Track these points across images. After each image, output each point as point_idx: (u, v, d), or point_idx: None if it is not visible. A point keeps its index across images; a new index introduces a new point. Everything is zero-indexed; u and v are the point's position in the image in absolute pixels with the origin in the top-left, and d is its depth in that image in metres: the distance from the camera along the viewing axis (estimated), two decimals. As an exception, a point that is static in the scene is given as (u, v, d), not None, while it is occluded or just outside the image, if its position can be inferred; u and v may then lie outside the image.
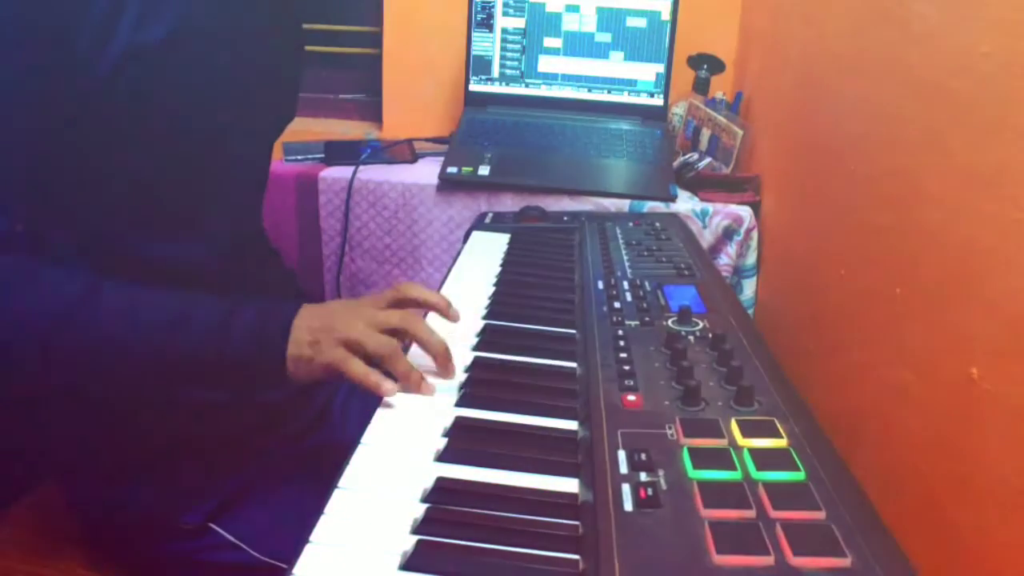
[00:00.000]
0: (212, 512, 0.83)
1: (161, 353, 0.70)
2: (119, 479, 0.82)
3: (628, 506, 0.53)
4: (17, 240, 0.69)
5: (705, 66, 1.76)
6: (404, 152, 1.70)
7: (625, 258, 1.08)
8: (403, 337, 0.74)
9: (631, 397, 0.68)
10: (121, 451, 0.82)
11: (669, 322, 0.84)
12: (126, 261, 0.75)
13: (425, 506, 0.55)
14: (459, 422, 0.66)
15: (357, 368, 0.69)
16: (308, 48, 1.05)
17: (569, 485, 0.59)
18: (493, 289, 0.99)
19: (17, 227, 0.69)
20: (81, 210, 0.75)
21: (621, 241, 1.16)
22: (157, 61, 0.72)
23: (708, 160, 1.64)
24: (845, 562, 0.48)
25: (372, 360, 0.71)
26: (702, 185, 1.57)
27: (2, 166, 0.68)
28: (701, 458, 0.58)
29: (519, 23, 1.73)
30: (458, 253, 1.17)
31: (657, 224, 1.26)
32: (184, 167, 0.79)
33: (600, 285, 0.96)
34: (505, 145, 1.62)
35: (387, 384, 0.69)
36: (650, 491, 0.54)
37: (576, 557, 0.51)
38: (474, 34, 1.74)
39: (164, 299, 0.72)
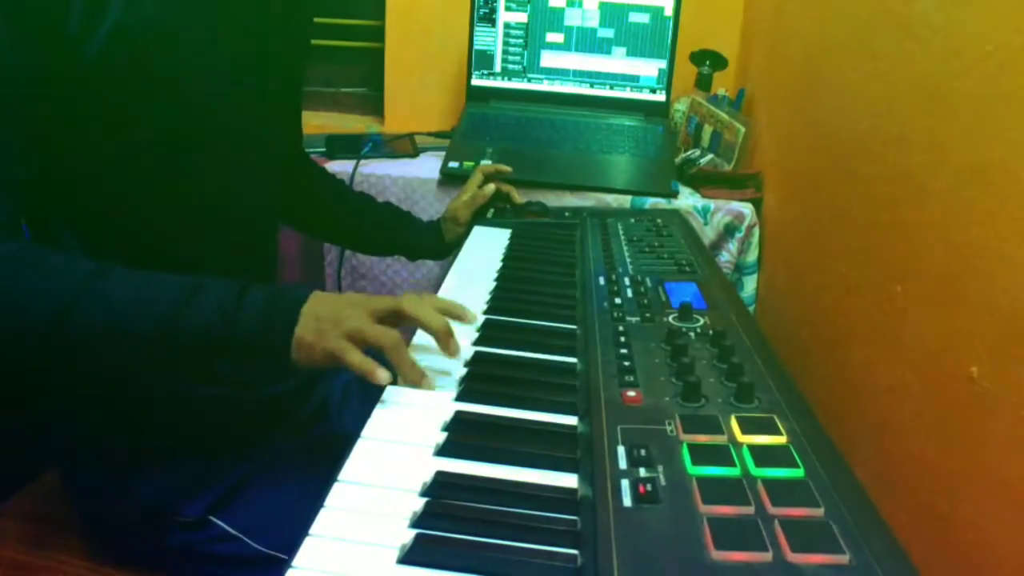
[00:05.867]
0: (212, 504, 0.83)
1: (171, 329, 0.68)
2: (118, 470, 0.82)
3: (627, 501, 0.53)
4: (21, 228, 0.69)
5: (707, 62, 1.75)
6: (406, 146, 1.70)
7: (626, 254, 1.07)
8: (406, 322, 0.74)
9: (631, 393, 0.67)
10: (121, 443, 0.82)
11: (670, 318, 0.84)
12: (128, 258, 0.74)
13: (424, 500, 0.55)
14: (459, 416, 0.66)
15: (354, 356, 0.69)
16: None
17: (568, 480, 0.59)
18: (494, 284, 0.99)
19: (20, 219, 0.69)
20: (82, 204, 0.74)
21: (622, 237, 1.16)
22: (148, 40, 0.71)
23: (710, 156, 1.64)
24: (844, 559, 0.48)
25: (376, 353, 0.71)
26: (704, 181, 1.57)
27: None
28: (700, 454, 0.58)
29: (522, 17, 1.73)
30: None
31: (658, 220, 1.26)
32: (183, 155, 0.78)
33: (601, 281, 0.96)
34: (507, 140, 1.61)
35: (381, 371, 0.69)
36: (649, 487, 0.54)
37: (575, 552, 0.51)
38: (476, 28, 1.74)
39: (175, 279, 0.70)
